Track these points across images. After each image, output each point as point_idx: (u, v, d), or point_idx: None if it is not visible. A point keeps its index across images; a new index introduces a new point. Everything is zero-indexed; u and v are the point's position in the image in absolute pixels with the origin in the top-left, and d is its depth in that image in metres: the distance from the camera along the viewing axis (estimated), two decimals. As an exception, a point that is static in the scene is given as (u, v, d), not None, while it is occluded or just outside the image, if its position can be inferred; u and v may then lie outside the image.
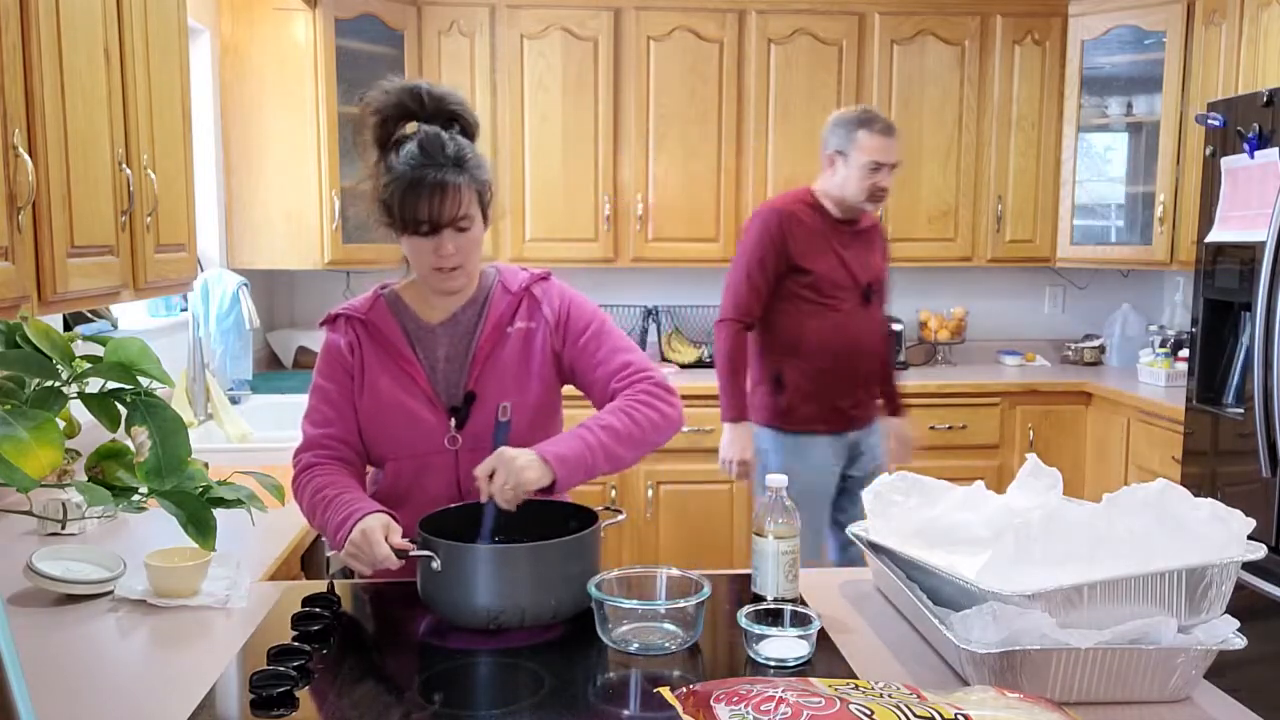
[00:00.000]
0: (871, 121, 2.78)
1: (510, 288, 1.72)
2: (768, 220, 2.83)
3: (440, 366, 1.69)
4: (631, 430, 1.61)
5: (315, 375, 1.73)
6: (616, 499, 3.81)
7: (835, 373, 2.84)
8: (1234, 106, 2.88)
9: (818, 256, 2.81)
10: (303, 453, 1.69)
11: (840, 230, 2.86)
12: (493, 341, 1.68)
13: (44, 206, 1.65)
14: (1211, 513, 1.29)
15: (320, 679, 1.29)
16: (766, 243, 2.81)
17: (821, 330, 2.82)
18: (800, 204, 2.86)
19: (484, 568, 1.42)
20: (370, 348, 1.69)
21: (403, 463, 1.68)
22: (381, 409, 1.67)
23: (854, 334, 2.85)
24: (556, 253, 4.02)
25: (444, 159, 1.57)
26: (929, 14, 4.06)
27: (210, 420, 3.03)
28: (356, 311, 1.72)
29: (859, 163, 2.76)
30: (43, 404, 1.29)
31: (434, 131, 1.60)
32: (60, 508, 1.96)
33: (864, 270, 2.87)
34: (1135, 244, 4.08)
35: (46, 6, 1.65)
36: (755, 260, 2.82)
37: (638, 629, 1.40)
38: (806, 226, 2.82)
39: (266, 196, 3.69)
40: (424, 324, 1.71)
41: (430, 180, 1.55)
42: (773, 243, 2.80)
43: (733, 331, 2.84)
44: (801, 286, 2.82)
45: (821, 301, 2.81)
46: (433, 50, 3.94)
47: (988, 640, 1.22)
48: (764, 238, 2.81)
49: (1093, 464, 3.94)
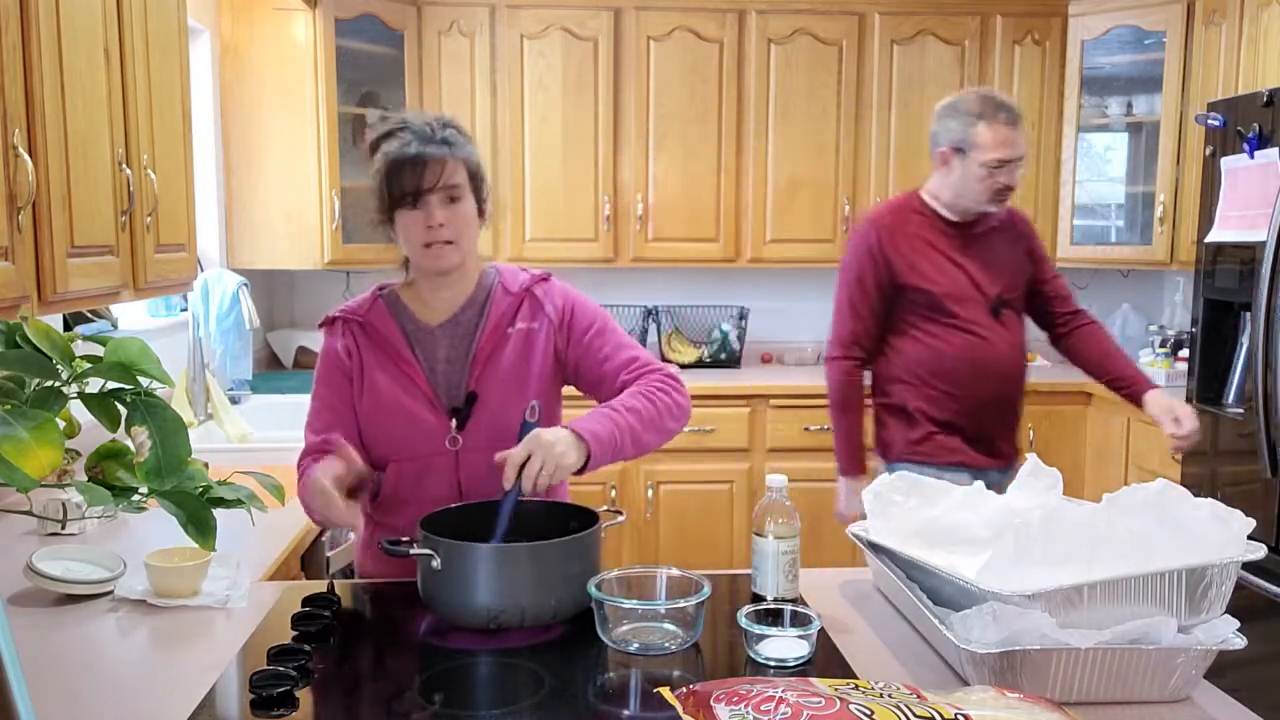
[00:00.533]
0: (993, 112, 2.38)
1: (511, 288, 1.72)
2: (865, 236, 2.48)
3: (440, 368, 1.69)
4: (654, 414, 1.61)
5: (314, 381, 1.73)
6: (616, 499, 3.81)
7: (968, 401, 2.45)
8: (1234, 106, 2.88)
9: (932, 270, 2.44)
10: (304, 458, 1.69)
11: (959, 236, 2.47)
12: (493, 342, 1.68)
13: (44, 206, 1.65)
14: (1211, 513, 1.29)
15: (320, 679, 1.29)
16: (866, 262, 2.46)
17: (947, 355, 2.44)
18: (905, 211, 2.49)
19: (484, 567, 1.42)
20: (369, 349, 1.69)
21: (403, 464, 1.68)
22: (381, 411, 1.67)
23: (986, 356, 2.44)
24: (556, 253, 4.02)
25: (434, 139, 1.61)
26: (929, 14, 4.06)
27: (210, 420, 3.03)
28: (354, 314, 1.72)
29: (979, 160, 2.37)
30: (43, 404, 1.29)
31: (426, 124, 1.63)
32: (60, 508, 1.96)
33: (993, 280, 2.46)
34: (1135, 244, 4.08)
35: (46, 6, 1.65)
36: (854, 283, 2.48)
37: (638, 629, 1.40)
38: (914, 237, 2.45)
39: (266, 196, 3.69)
40: (423, 325, 1.71)
41: (414, 152, 1.59)
42: (873, 261, 2.45)
43: (843, 371, 2.53)
44: (918, 306, 2.45)
45: (944, 321, 2.43)
46: (433, 50, 3.94)
47: (988, 640, 1.22)
48: (862, 256, 2.47)
49: (1093, 464, 3.94)
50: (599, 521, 1.53)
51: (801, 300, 4.47)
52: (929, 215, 2.49)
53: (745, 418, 3.83)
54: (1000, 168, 2.38)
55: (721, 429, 3.82)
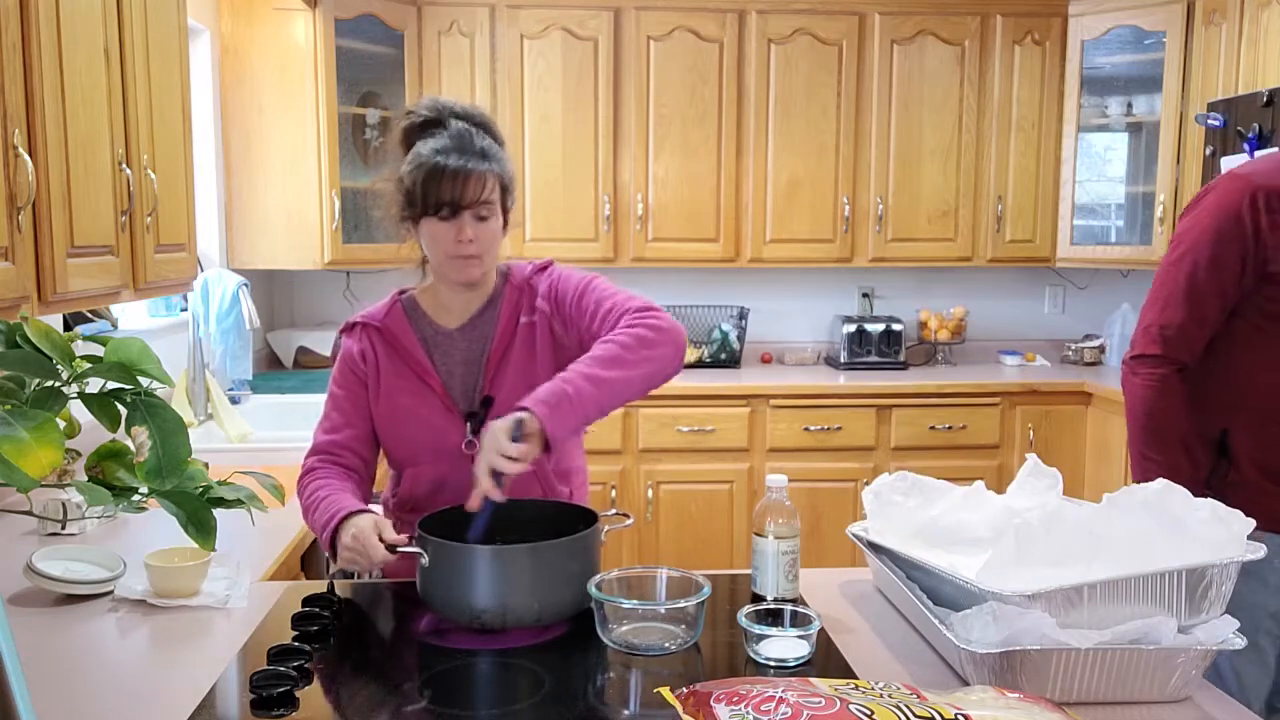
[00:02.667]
0: None
1: (516, 282, 1.73)
2: (1232, 198, 1.77)
3: (458, 371, 1.69)
4: (617, 352, 1.52)
5: (330, 382, 1.74)
6: (616, 500, 3.81)
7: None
8: (1234, 106, 2.88)
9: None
10: (309, 457, 1.70)
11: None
12: (505, 340, 1.68)
13: (44, 206, 1.66)
14: (1211, 513, 1.29)
15: (320, 679, 1.29)
16: (1230, 233, 1.76)
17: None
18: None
19: (465, 566, 1.41)
20: (385, 355, 1.70)
21: (421, 469, 1.69)
22: (397, 416, 1.68)
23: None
24: (556, 253, 3.98)
25: (471, 149, 1.60)
26: (929, 14, 4.06)
27: (210, 420, 3.03)
28: (373, 319, 1.72)
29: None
30: (43, 404, 1.29)
31: (465, 127, 1.63)
32: (60, 508, 1.96)
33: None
34: (1135, 244, 4.08)
35: (46, 6, 1.65)
36: (1206, 262, 1.78)
37: (638, 629, 1.40)
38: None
39: (266, 196, 3.69)
40: (441, 329, 1.71)
41: (455, 164, 1.58)
42: (1240, 233, 1.75)
43: (1155, 380, 1.84)
44: (1276, 305, 1.78)
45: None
46: (433, 50, 3.94)
47: (988, 640, 1.22)
48: (1225, 224, 1.77)
49: (1093, 464, 3.94)
50: (592, 526, 1.51)
51: (801, 300, 4.48)
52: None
53: (745, 418, 3.83)
54: None
55: (721, 429, 3.82)
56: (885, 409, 3.88)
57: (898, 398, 3.88)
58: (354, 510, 1.53)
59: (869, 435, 3.87)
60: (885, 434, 3.89)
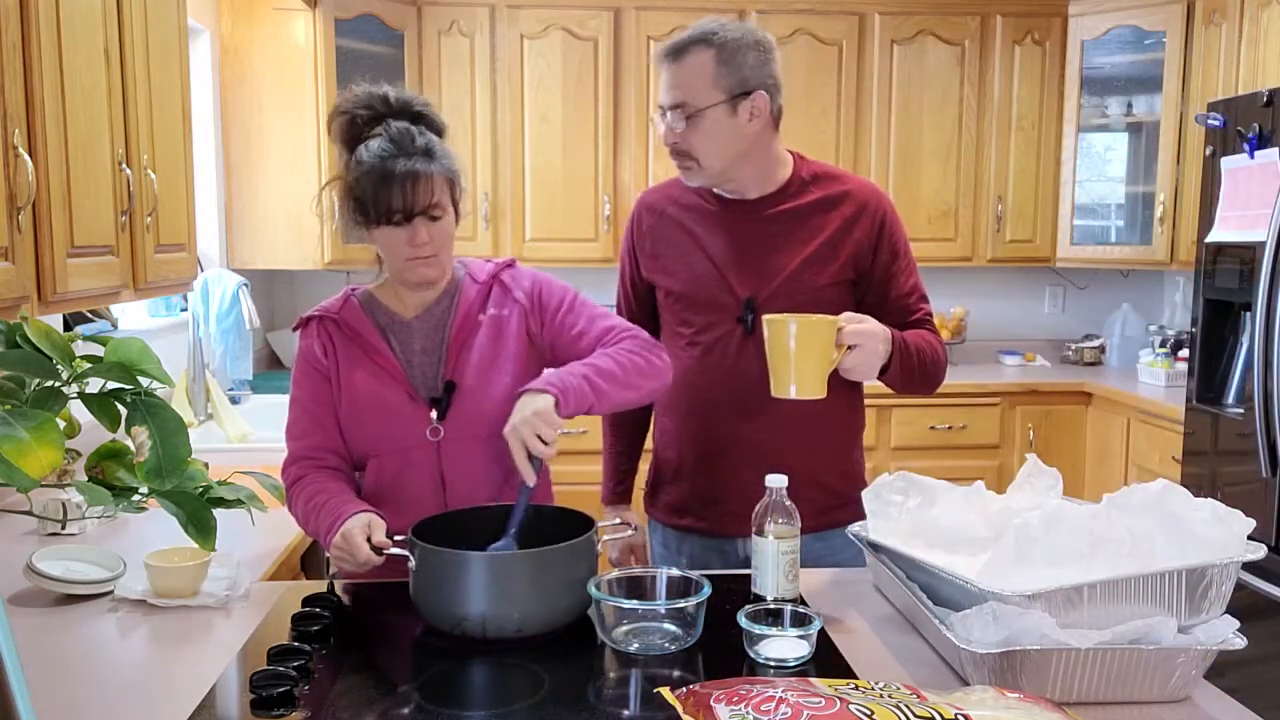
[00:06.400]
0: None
1: (478, 278, 1.74)
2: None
3: (417, 359, 1.69)
4: (614, 370, 1.61)
5: (292, 386, 1.72)
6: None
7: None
8: (1234, 106, 2.88)
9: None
10: (289, 467, 1.68)
11: None
12: (466, 330, 1.69)
13: (44, 206, 1.66)
14: (1212, 513, 1.28)
15: (320, 679, 1.29)
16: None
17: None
18: None
19: (447, 574, 1.39)
20: (344, 346, 1.69)
21: (384, 459, 1.67)
22: (360, 406, 1.67)
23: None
24: (556, 253, 4.02)
25: (414, 149, 1.59)
26: (929, 14, 4.06)
27: (210, 420, 3.03)
28: (328, 312, 1.72)
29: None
30: (43, 404, 1.29)
31: (403, 126, 1.62)
32: (60, 508, 1.96)
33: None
34: (1135, 244, 4.08)
35: (46, 6, 1.65)
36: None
37: (638, 629, 1.40)
38: None
39: (266, 196, 3.69)
40: (398, 318, 1.71)
41: (401, 169, 1.57)
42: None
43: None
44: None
45: None
46: (433, 50, 3.94)
47: (988, 640, 1.21)
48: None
49: (1093, 464, 3.94)
50: (585, 534, 1.47)
51: (801, 300, 4.47)
52: None
53: (745, 418, 3.82)
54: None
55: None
56: (885, 409, 3.88)
57: (898, 397, 3.87)
58: (356, 512, 1.53)
59: (869, 435, 3.85)
60: (885, 434, 3.89)
